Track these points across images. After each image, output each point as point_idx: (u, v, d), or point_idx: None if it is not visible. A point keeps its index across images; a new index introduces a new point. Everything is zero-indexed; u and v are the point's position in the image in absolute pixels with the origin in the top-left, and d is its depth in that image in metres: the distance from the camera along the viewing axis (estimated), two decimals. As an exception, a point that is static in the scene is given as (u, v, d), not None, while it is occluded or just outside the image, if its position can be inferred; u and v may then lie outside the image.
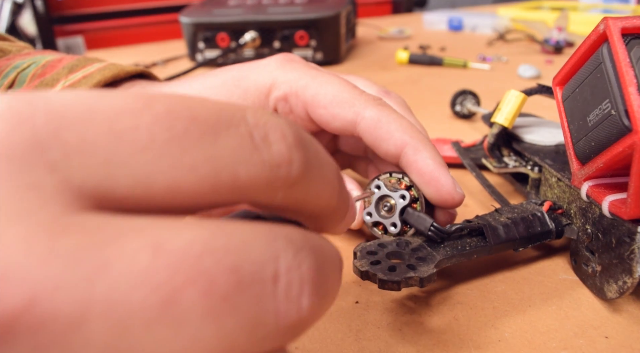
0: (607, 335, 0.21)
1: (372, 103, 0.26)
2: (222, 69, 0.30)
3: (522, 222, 0.25)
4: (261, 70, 0.28)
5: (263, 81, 0.28)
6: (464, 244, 0.24)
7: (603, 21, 0.21)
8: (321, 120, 0.27)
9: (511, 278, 0.25)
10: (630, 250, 0.21)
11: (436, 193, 0.24)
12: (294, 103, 0.28)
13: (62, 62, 0.33)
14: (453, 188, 0.24)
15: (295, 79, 0.27)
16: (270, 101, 0.28)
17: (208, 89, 0.29)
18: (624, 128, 0.20)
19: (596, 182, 0.23)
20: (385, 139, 0.26)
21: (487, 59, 0.74)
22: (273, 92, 0.28)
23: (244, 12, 0.74)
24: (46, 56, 0.35)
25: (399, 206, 0.25)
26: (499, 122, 0.32)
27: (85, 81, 0.30)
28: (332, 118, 0.27)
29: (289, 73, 0.28)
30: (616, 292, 0.22)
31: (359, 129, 0.26)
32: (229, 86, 0.28)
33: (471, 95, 0.49)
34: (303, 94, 0.27)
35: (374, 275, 0.21)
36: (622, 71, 0.19)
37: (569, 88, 0.24)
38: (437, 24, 1.06)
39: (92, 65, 0.32)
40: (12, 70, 0.33)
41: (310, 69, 0.28)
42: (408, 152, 0.25)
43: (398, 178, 0.26)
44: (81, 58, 0.33)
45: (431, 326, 0.22)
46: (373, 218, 0.26)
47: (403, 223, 0.25)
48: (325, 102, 0.27)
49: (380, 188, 0.26)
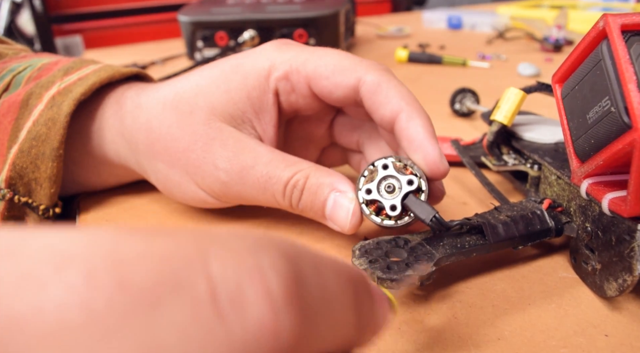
0: (607, 333, 0.21)
1: (374, 68, 0.27)
2: (218, 60, 0.30)
3: (521, 220, 0.25)
4: (258, 55, 0.29)
5: (261, 64, 0.28)
6: (463, 242, 0.24)
7: (602, 18, 0.21)
8: (324, 92, 0.27)
9: (510, 276, 0.25)
10: (630, 248, 0.20)
11: (422, 161, 0.25)
12: (295, 80, 0.28)
13: (58, 65, 0.33)
14: (439, 158, 0.25)
15: (294, 56, 0.28)
16: (271, 82, 0.28)
17: (206, 80, 0.29)
18: (623, 125, 0.19)
19: (596, 180, 0.23)
20: (382, 104, 0.26)
21: (486, 58, 0.74)
22: (273, 74, 0.28)
23: (243, 10, 0.74)
24: (43, 58, 0.34)
25: (404, 190, 0.24)
26: (499, 120, 0.31)
27: (80, 83, 0.30)
28: (334, 87, 0.27)
29: (286, 53, 0.28)
30: (616, 290, 0.22)
31: (361, 93, 0.27)
32: (227, 74, 0.28)
33: (470, 93, 0.49)
34: (304, 69, 0.27)
35: (372, 273, 0.21)
36: (621, 68, 0.19)
37: (568, 86, 0.24)
38: (436, 23, 1.06)
39: (87, 67, 0.32)
40: (7, 73, 0.33)
41: (307, 47, 0.29)
42: (402, 118, 0.25)
43: (405, 163, 0.25)
44: (77, 60, 0.33)
45: (430, 324, 0.22)
46: (372, 196, 0.25)
47: (402, 208, 0.24)
48: (327, 72, 0.27)
49: (387, 167, 0.25)
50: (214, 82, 0.29)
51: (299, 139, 0.33)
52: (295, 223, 0.31)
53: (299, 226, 0.31)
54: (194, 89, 0.29)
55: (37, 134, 0.29)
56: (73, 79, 0.31)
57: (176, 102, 0.29)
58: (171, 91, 0.29)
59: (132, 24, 1.89)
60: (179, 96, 0.29)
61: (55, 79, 0.31)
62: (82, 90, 0.30)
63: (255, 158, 0.27)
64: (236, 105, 0.28)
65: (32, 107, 0.30)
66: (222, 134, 0.28)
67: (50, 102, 0.30)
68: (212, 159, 0.28)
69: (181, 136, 0.28)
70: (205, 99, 0.28)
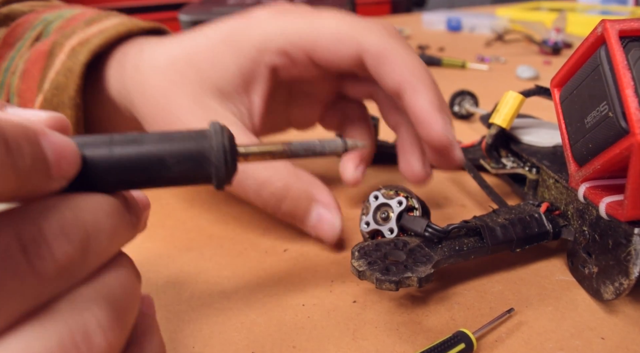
0: (604, 336, 0.21)
1: (376, 32, 0.25)
2: (213, 26, 0.29)
3: (519, 223, 0.25)
4: (253, 24, 0.28)
5: (257, 36, 0.27)
6: (461, 244, 0.24)
7: (601, 24, 0.21)
8: (326, 62, 0.26)
9: (508, 278, 0.25)
10: (627, 252, 0.21)
11: (426, 136, 0.24)
12: (294, 54, 0.27)
13: (84, 16, 0.34)
14: (443, 132, 0.24)
15: (291, 29, 0.27)
16: (266, 57, 0.27)
17: (199, 49, 0.28)
18: (621, 130, 0.20)
19: (593, 184, 0.23)
20: (387, 74, 0.25)
21: (485, 60, 0.74)
22: (268, 47, 0.27)
23: (243, 10, 0.74)
24: (74, 9, 0.36)
25: (396, 211, 0.25)
26: (497, 123, 0.32)
27: (99, 35, 0.31)
28: (336, 58, 0.26)
29: (281, 24, 0.27)
30: (612, 294, 0.22)
31: (365, 63, 0.25)
32: (219, 46, 0.28)
33: (469, 96, 0.49)
34: (302, 42, 0.26)
35: (371, 275, 0.21)
36: (619, 73, 0.19)
37: (566, 90, 0.24)
38: (435, 24, 1.06)
39: (108, 19, 0.33)
40: (39, 23, 0.34)
41: (304, 13, 0.27)
42: (407, 91, 0.24)
43: (396, 190, 0.26)
44: (102, 13, 0.34)
45: (428, 326, 0.22)
46: (370, 227, 0.26)
47: (400, 229, 0.25)
48: (326, 43, 0.26)
49: (378, 198, 0.26)
50: (205, 53, 0.28)
51: (303, 95, 0.32)
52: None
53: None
54: (185, 59, 0.28)
55: (58, 84, 0.30)
56: (93, 30, 0.32)
57: (168, 70, 0.28)
58: (167, 56, 0.29)
59: (131, 23, 1.89)
60: (172, 63, 0.29)
61: (77, 29, 0.32)
62: (99, 41, 0.31)
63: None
64: (226, 80, 0.28)
65: (54, 57, 0.31)
66: (205, 112, 0.27)
67: (70, 52, 0.31)
68: None
69: (167, 107, 0.28)
70: (196, 71, 0.28)
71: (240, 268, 0.27)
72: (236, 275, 0.27)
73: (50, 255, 0.12)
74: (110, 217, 0.14)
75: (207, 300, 0.25)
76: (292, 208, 0.27)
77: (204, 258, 0.28)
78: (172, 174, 0.16)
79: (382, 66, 0.25)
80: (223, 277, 0.26)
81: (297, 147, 0.18)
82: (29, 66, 0.32)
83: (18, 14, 0.36)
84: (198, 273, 0.27)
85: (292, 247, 0.29)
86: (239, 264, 0.28)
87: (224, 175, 0.16)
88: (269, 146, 0.17)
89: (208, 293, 0.25)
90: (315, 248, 0.29)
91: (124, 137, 0.15)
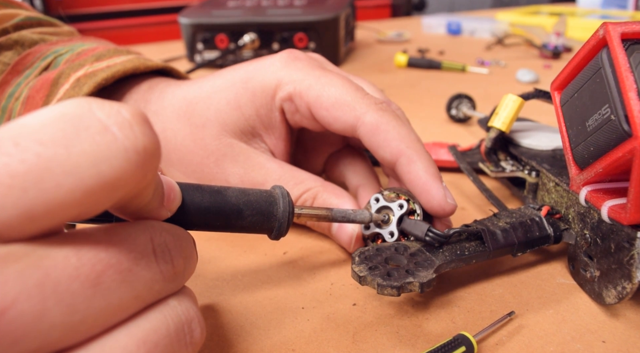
0: (605, 340, 0.21)
1: (374, 107, 0.27)
2: (229, 70, 0.30)
3: (520, 227, 0.25)
4: (267, 70, 0.29)
5: (269, 82, 0.28)
6: (462, 249, 0.24)
7: (603, 26, 0.21)
8: (324, 121, 0.28)
9: (509, 282, 0.25)
10: (630, 256, 0.20)
11: (427, 204, 0.25)
12: (298, 103, 0.28)
13: (95, 51, 0.34)
14: (443, 199, 0.25)
15: (299, 79, 0.28)
16: (277, 101, 0.28)
17: (217, 92, 0.29)
18: (623, 133, 0.20)
19: (595, 187, 0.23)
20: (382, 147, 0.26)
21: (485, 63, 0.75)
22: (278, 93, 0.28)
23: (243, 13, 0.74)
24: (85, 43, 0.36)
25: (397, 214, 0.25)
26: (497, 126, 0.32)
27: (106, 70, 0.31)
28: (333, 120, 0.27)
29: (293, 73, 0.28)
30: (615, 298, 0.22)
31: (359, 133, 0.27)
32: (237, 88, 0.29)
33: (467, 99, 0.49)
34: (307, 96, 0.27)
35: (372, 280, 0.21)
36: (622, 76, 0.19)
37: (567, 93, 0.24)
38: (435, 28, 1.06)
39: (119, 56, 0.34)
40: (51, 54, 0.35)
41: (314, 68, 0.28)
42: (402, 162, 0.26)
43: (397, 193, 0.26)
44: (112, 49, 0.35)
45: (428, 329, 0.22)
46: (371, 230, 0.26)
47: (401, 233, 0.25)
48: (327, 104, 0.27)
49: (379, 200, 0.26)
50: (224, 96, 0.29)
51: (312, 141, 0.33)
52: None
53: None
54: (205, 102, 0.29)
55: None
56: (102, 66, 0.32)
57: (189, 114, 0.29)
58: (185, 100, 0.30)
59: (132, 26, 1.89)
60: (192, 106, 0.30)
61: (85, 63, 0.33)
62: (105, 75, 0.31)
63: (265, 175, 0.28)
64: (246, 121, 0.29)
65: (59, 86, 0.31)
66: (233, 150, 0.29)
67: (75, 83, 0.31)
68: (224, 175, 0.29)
69: (195, 149, 0.29)
70: (216, 113, 0.29)
71: (239, 271, 0.27)
72: (235, 277, 0.26)
73: (171, 261, 0.15)
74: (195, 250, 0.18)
75: (206, 302, 0.24)
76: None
77: (202, 261, 0.28)
78: (244, 223, 0.20)
79: (376, 137, 0.26)
80: (222, 280, 0.26)
81: (337, 213, 0.24)
82: (33, 93, 0.32)
83: (27, 41, 0.36)
84: (196, 276, 0.27)
85: (292, 250, 0.29)
86: (238, 267, 0.27)
87: (284, 231, 0.21)
88: (317, 210, 0.23)
89: (207, 295, 0.25)
90: (315, 251, 0.29)
91: (211, 187, 0.19)
